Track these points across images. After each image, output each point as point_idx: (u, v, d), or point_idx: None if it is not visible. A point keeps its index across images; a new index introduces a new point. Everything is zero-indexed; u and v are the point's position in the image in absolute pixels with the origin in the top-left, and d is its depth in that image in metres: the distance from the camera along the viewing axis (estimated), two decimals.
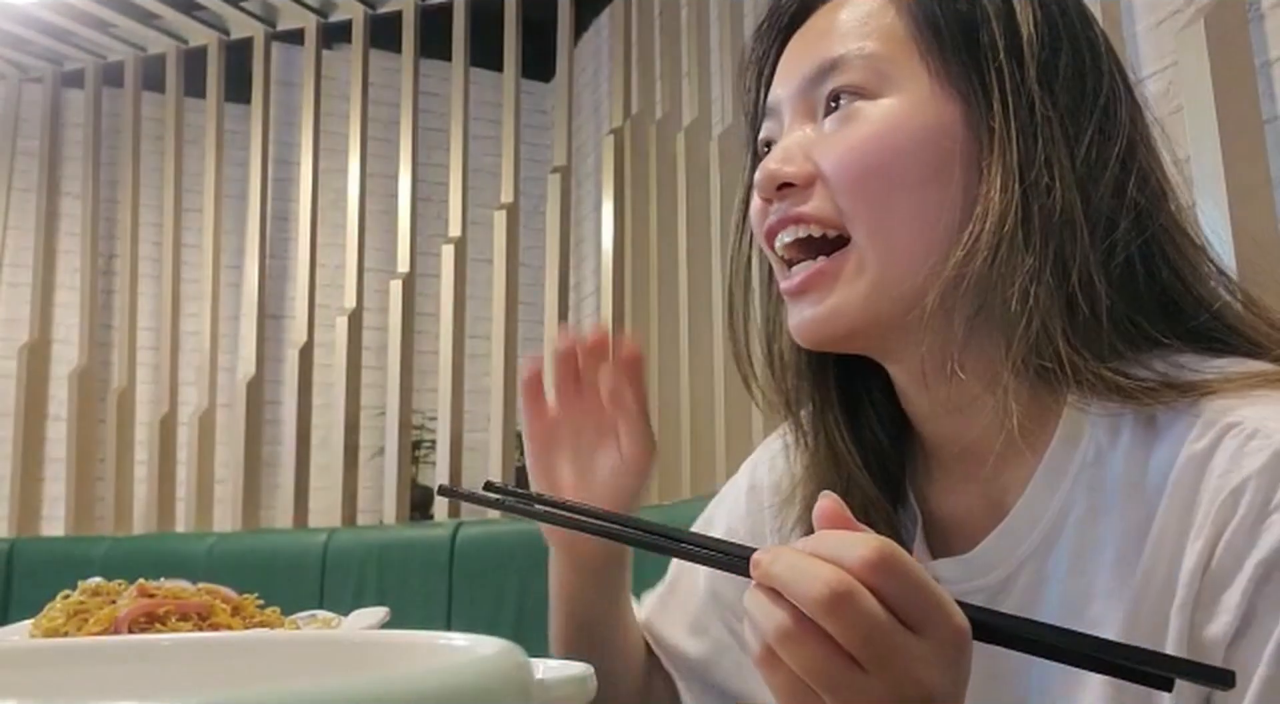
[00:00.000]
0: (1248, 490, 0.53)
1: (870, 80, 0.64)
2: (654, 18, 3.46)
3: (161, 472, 3.91)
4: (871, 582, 0.46)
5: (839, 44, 0.65)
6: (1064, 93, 0.62)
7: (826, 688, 0.46)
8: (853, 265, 0.63)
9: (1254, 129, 1.80)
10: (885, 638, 0.45)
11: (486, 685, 0.34)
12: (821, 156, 0.64)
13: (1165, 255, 0.63)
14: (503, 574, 2.46)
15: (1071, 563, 0.61)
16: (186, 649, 0.54)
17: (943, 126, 0.62)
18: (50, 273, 4.19)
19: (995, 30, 0.62)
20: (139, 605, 1.03)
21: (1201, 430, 0.56)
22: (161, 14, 3.93)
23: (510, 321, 3.52)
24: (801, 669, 0.46)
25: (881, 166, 0.62)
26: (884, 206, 0.62)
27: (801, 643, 0.46)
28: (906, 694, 0.45)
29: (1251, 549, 0.53)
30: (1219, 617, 0.53)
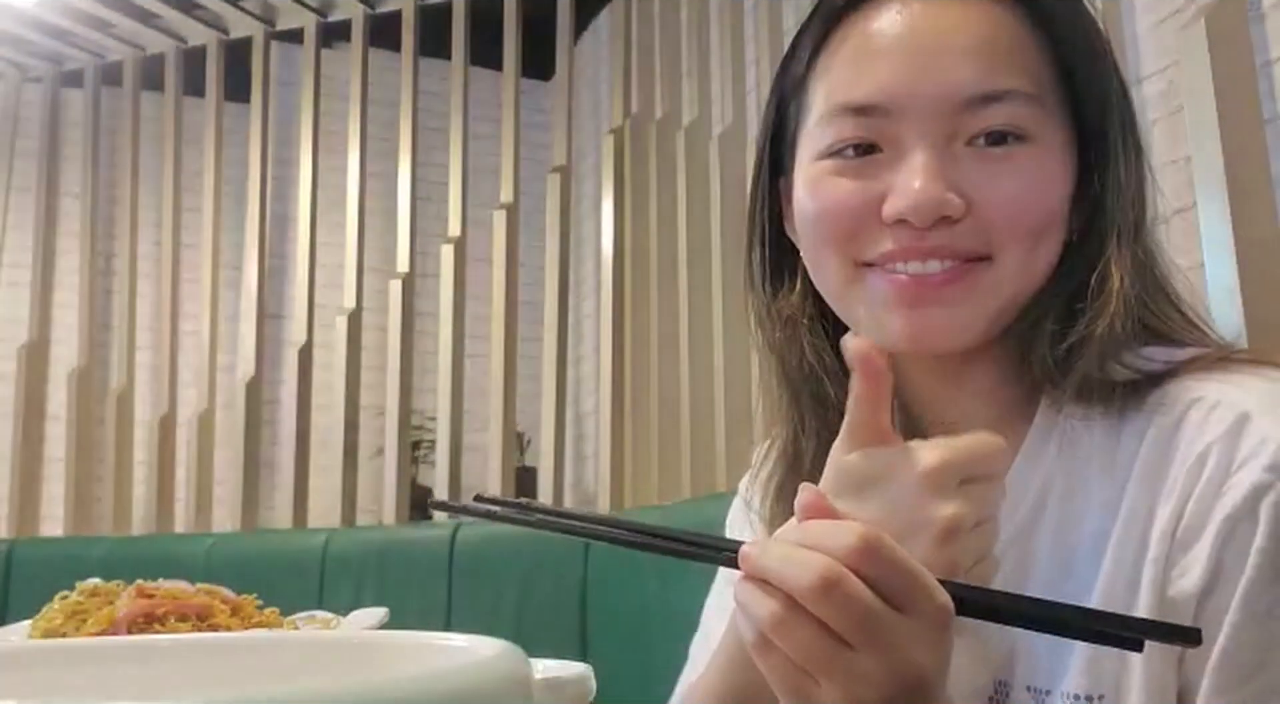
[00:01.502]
0: (1213, 454, 0.58)
1: (1029, 123, 0.64)
2: (654, 18, 3.46)
3: (161, 472, 3.91)
4: (859, 567, 0.48)
5: (999, 76, 0.64)
6: (1137, 135, 0.68)
7: (821, 670, 0.49)
8: (990, 281, 0.64)
9: (1254, 129, 1.80)
10: (875, 620, 0.48)
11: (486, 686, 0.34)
12: (978, 191, 0.63)
13: (1160, 273, 0.68)
14: (503, 574, 2.46)
15: (1054, 540, 0.65)
16: (185, 649, 0.54)
17: (1071, 173, 0.66)
18: (49, 273, 4.19)
19: (1114, 80, 0.67)
20: (138, 606, 1.03)
21: (1169, 407, 0.61)
22: (161, 13, 3.93)
23: (510, 321, 3.52)
24: (795, 654, 0.49)
25: (1042, 208, 0.64)
26: (1036, 239, 0.65)
27: (794, 629, 0.49)
28: (897, 671, 0.48)
29: (1216, 506, 0.57)
30: (1189, 572, 0.57)
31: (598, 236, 3.59)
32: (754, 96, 3.05)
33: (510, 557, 2.50)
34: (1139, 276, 0.65)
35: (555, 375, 3.43)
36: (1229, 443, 0.58)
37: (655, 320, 3.14)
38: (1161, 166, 2.04)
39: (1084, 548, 0.63)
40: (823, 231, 0.67)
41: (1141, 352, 0.65)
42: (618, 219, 3.40)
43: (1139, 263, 0.66)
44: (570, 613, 2.31)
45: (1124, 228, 0.65)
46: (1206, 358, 0.64)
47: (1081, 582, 0.62)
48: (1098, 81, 0.67)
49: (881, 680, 0.48)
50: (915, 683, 0.49)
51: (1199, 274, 1.86)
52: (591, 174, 3.98)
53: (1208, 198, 1.81)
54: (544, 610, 2.36)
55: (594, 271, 3.90)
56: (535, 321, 3.73)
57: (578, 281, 4.12)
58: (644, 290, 3.23)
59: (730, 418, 2.79)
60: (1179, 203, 1.99)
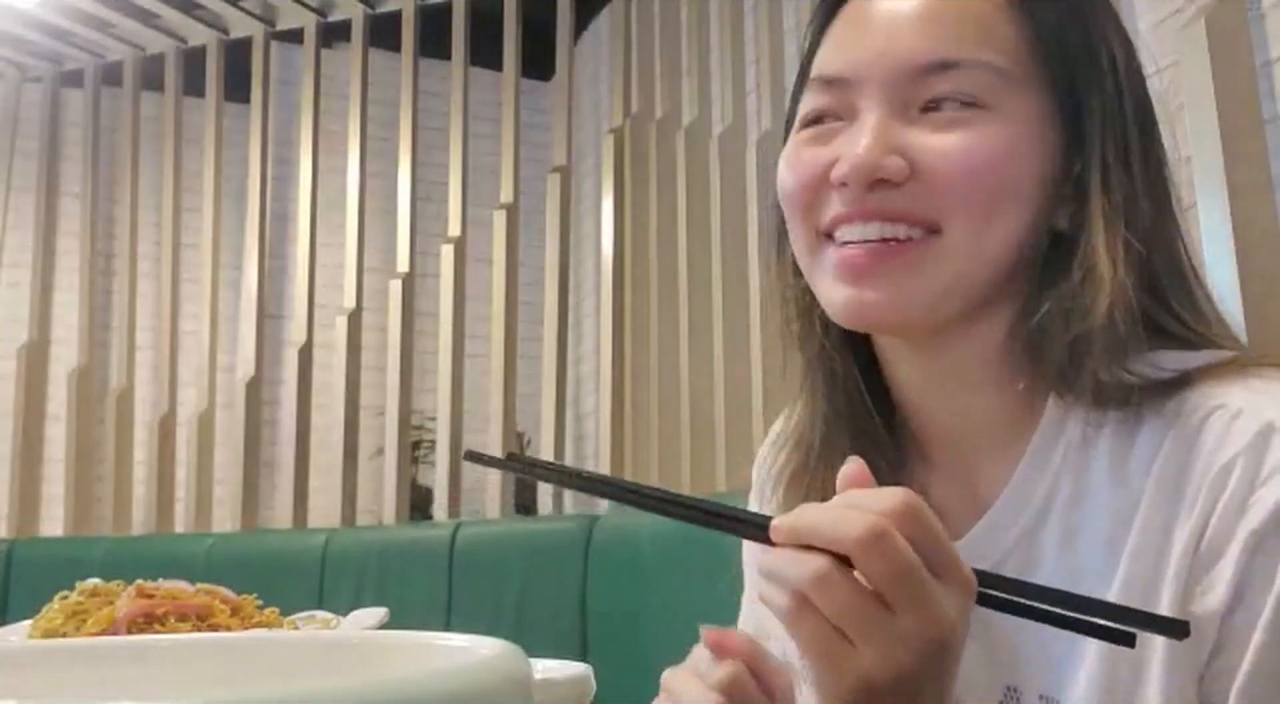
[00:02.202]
0: (1237, 466, 0.56)
1: (986, 93, 0.63)
2: (654, 18, 3.46)
3: (161, 472, 3.91)
4: (902, 527, 0.50)
5: (955, 45, 0.63)
6: (1142, 131, 0.65)
7: (859, 631, 0.49)
8: (937, 255, 0.63)
9: (1254, 129, 1.80)
10: (915, 579, 0.49)
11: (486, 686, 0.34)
12: (925, 155, 0.62)
13: (1173, 271, 0.66)
14: (503, 574, 2.46)
15: (1059, 546, 0.63)
16: (185, 650, 0.54)
17: (1046, 150, 0.64)
18: (49, 273, 4.19)
19: (1104, 58, 0.64)
20: (138, 606, 1.03)
21: (1187, 415, 0.59)
22: (161, 13, 3.93)
23: (510, 321, 3.51)
24: (834, 613, 0.50)
25: (992, 176, 0.62)
26: (987, 212, 0.62)
27: (837, 585, 0.49)
28: (931, 635, 0.49)
29: (1241, 521, 0.55)
30: (1213, 589, 0.56)
31: (598, 236, 3.59)
32: (754, 96, 3.05)
33: (510, 557, 2.50)
34: (1137, 269, 0.63)
35: (555, 375, 3.43)
36: (1253, 456, 0.56)
37: (655, 320, 3.14)
38: None
39: (1094, 557, 0.62)
40: (789, 202, 0.67)
41: (1155, 355, 0.63)
42: (618, 219, 3.40)
43: (1137, 254, 0.63)
44: (570, 613, 2.31)
45: (1111, 213, 0.62)
46: (1226, 363, 0.62)
47: (1095, 590, 0.61)
48: (1084, 59, 0.65)
49: (917, 643, 0.49)
50: (945, 648, 0.50)
51: None
52: (591, 174, 3.98)
53: (1208, 198, 1.81)
54: (544, 610, 2.36)
55: (594, 271, 3.90)
56: (535, 321, 3.73)
57: (578, 282, 4.12)
58: (644, 290, 3.23)
59: (730, 418, 2.79)
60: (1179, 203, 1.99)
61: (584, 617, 2.31)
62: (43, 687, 0.48)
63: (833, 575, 0.50)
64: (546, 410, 3.44)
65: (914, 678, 0.50)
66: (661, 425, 3.06)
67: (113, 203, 4.24)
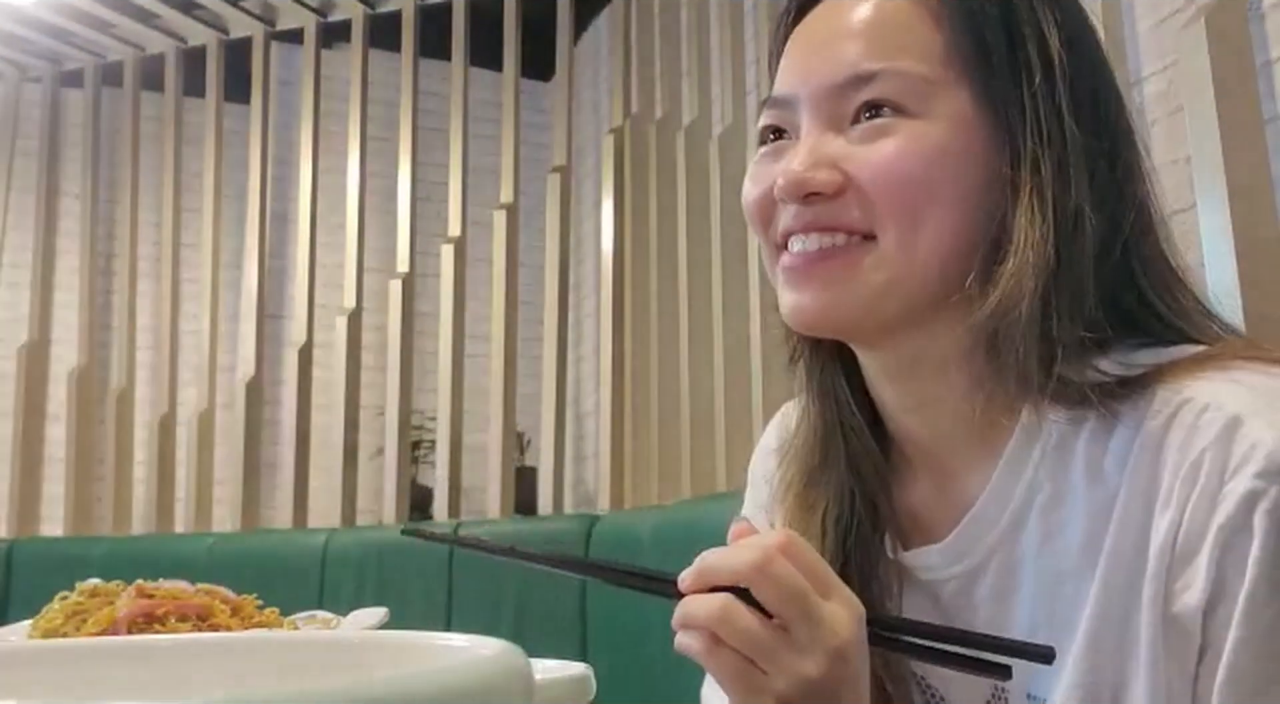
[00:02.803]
0: (1205, 461, 0.57)
1: (908, 98, 0.64)
2: (654, 18, 3.46)
3: (161, 472, 3.91)
4: (788, 555, 0.56)
5: (876, 55, 0.65)
6: (1086, 120, 0.64)
7: (763, 655, 0.55)
8: (872, 260, 0.64)
9: (1254, 129, 1.80)
10: (805, 598, 0.55)
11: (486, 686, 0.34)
12: (854, 166, 0.64)
13: (1144, 267, 0.66)
14: (503, 574, 2.46)
15: (1039, 546, 0.64)
16: (185, 650, 0.54)
17: (978, 151, 0.64)
18: (49, 273, 4.18)
19: (1032, 55, 0.64)
20: (138, 606, 1.03)
21: (1157, 410, 0.60)
22: (161, 14, 3.93)
23: (510, 321, 3.52)
24: (740, 643, 0.55)
25: (920, 181, 0.63)
26: (916, 217, 0.63)
27: (739, 614, 0.55)
28: (827, 646, 0.55)
29: (1213, 516, 0.56)
30: (1192, 586, 0.57)
31: (598, 236, 3.59)
32: (754, 96, 3.05)
33: None
34: (1082, 266, 0.62)
35: (555, 375, 3.43)
36: (1221, 449, 0.57)
37: (655, 320, 3.14)
38: (1161, 166, 2.03)
39: (1074, 557, 0.62)
40: (749, 216, 0.70)
41: (1131, 354, 0.63)
42: (618, 219, 3.40)
43: (1080, 251, 0.62)
44: (570, 613, 2.31)
45: (1040, 211, 0.62)
46: (1196, 356, 0.62)
47: (1074, 593, 0.62)
48: (1008, 57, 0.65)
49: (818, 656, 0.54)
50: (844, 658, 0.55)
51: (1199, 274, 1.86)
52: (591, 174, 3.98)
53: (1207, 198, 1.81)
54: (544, 610, 2.36)
55: (594, 271, 3.90)
56: (535, 321, 3.73)
57: (578, 281, 4.12)
58: (644, 290, 3.23)
59: (730, 418, 2.78)
60: (1179, 203, 1.99)
61: (584, 617, 2.31)
62: (43, 687, 0.48)
63: (733, 605, 0.55)
64: (546, 410, 3.44)
65: (823, 688, 0.54)
66: (661, 425, 3.06)
67: (113, 203, 4.24)
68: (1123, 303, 0.64)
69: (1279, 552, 0.55)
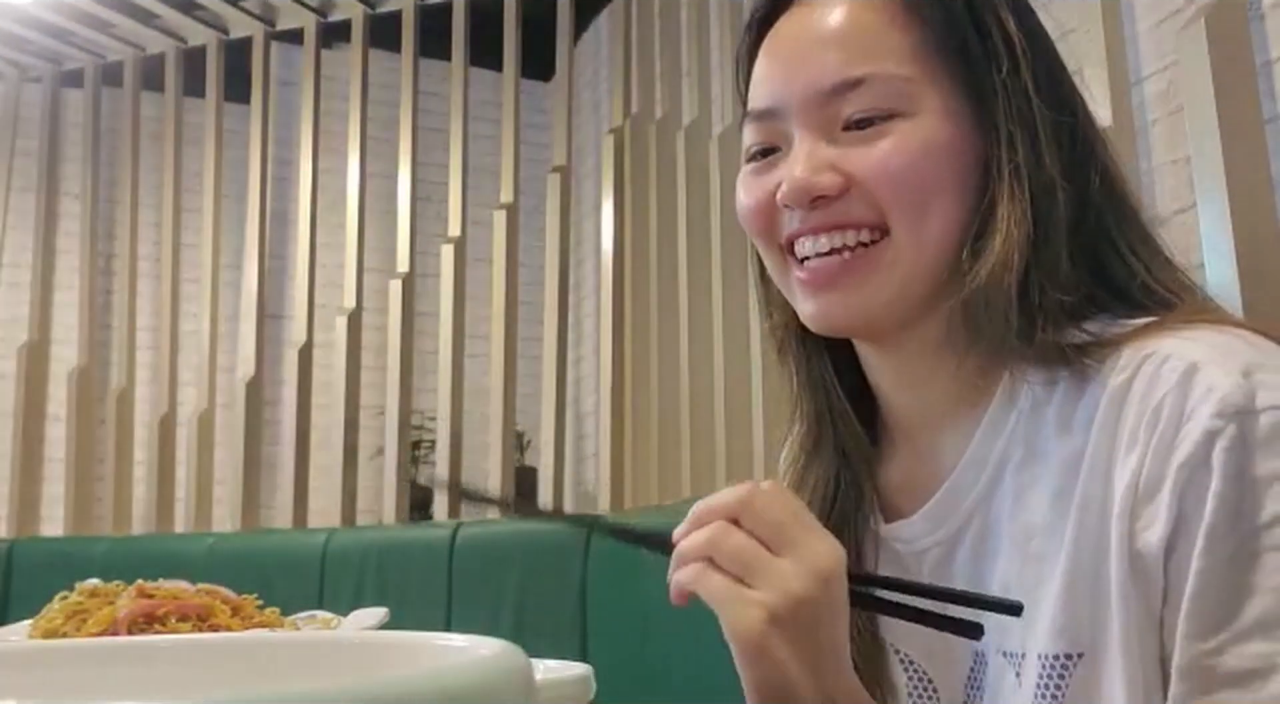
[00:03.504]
0: (1166, 405, 0.60)
1: (896, 101, 0.68)
2: (654, 18, 3.46)
3: (161, 472, 3.91)
4: (770, 491, 0.61)
5: (858, 62, 0.68)
6: (1049, 98, 0.68)
7: (752, 570, 0.59)
8: (888, 259, 0.68)
9: (1254, 129, 1.80)
10: (788, 527, 0.60)
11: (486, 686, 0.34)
12: (853, 166, 0.68)
13: (1122, 236, 0.69)
14: (503, 574, 2.46)
15: (1013, 505, 0.67)
16: (186, 650, 0.54)
17: (961, 138, 0.68)
18: (50, 273, 4.18)
19: (998, 42, 0.68)
20: (138, 606, 1.03)
21: (1123, 366, 0.63)
22: (161, 14, 3.93)
23: (510, 321, 3.51)
24: (730, 557, 0.60)
25: (919, 173, 0.67)
26: (921, 208, 0.67)
27: (729, 533, 0.60)
28: (811, 568, 0.59)
29: (1172, 456, 0.59)
30: (1154, 524, 0.59)
31: (598, 236, 3.59)
32: None
33: (510, 557, 2.50)
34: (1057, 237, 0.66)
35: (555, 375, 3.43)
36: (1180, 393, 0.59)
37: (655, 320, 3.14)
38: (1161, 166, 2.04)
39: (1045, 512, 0.65)
40: (750, 227, 0.74)
41: (1105, 321, 0.66)
42: (618, 219, 3.40)
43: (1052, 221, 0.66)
44: (570, 613, 2.31)
45: (1018, 184, 0.66)
46: (1168, 319, 0.65)
47: (1046, 547, 0.65)
48: (977, 47, 0.68)
49: (803, 577, 0.59)
50: (827, 581, 0.59)
51: (1199, 274, 1.86)
52: (591, 174, 3.98)
53: (1207, 198, 1.81)
54: (544, 610, 2.36)
55: (594, 271, 3.90)
56: (535, 321, 3.73)
57: (578, 281, 4.12)
58: (644, 290, 3.23)
59: (730, 418, 2.78)
60: (1179, 203, 1.99)
61: (584, 617, 2.31)
62: (43, 687, 0.48)
63: (724, 526, 0.60)
64: (546, 410, 3.44)
65: (809, 606, 0.58)
66: (661, 425, 3.06)
67: (113, 203, 4.24)
68: (1102, 263, 0.68)
69: (1238, 486, 0.57)
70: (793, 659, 0.58)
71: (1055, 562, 0.63)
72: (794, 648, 0.58)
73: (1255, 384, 0.58)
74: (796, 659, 0.58)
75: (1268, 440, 0.57)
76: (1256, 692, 0.54)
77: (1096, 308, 0.67)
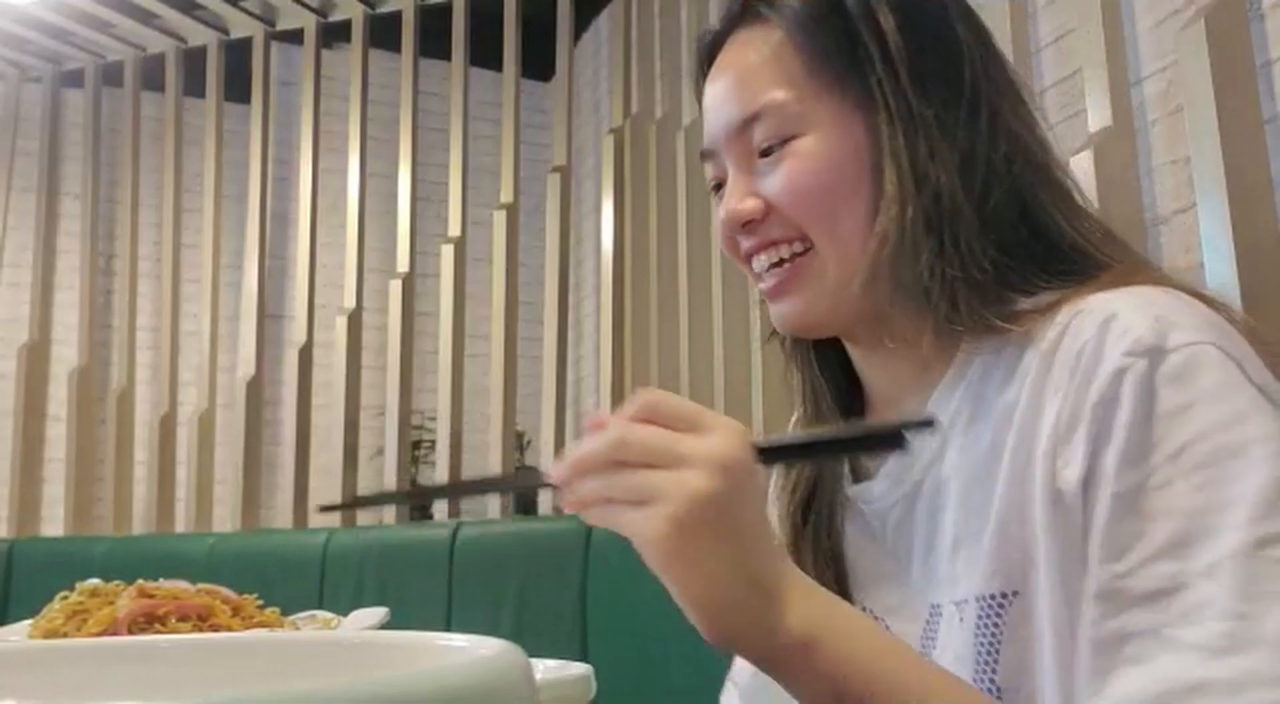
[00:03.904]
0: (1085, 351, 0.63)
1: (789, 125, 0.74)
2: (654, 18, 3.46)
3: (161, 472, 3.91)
4: (645, 415, 0.60)
5: (757, 95, 0.75)
6: (935, 88, 0.72)
7: (649, 494, 0.57)
8: (817, 267, 0.74)
9: (1254, 129, 1.80)
10: (692, 415, 0.60)
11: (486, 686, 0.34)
12: (769, 191, 0.75)
13: (1041, 206, 0.72)
14: (503, 574, 2.46)
15: (959, 460, 0.71)
16: (186, 650, 0.54)
17: (855, 145, 0.73)
18: (50, 273, 4.19)
19: (869, 47, 0.73)
20: (139, 606, 1.03)
21: (1058, 323, 0.67)
22: (161, 14, 3.93)
23: (510, 321, 3.51)
24: (641, 445, 0.58)
25: (821, 186, 0.73)
26: (831, 217, 0.73)
27: (635, 427, 0.59)
28: (706, 462, 0.57)
29: (1087, 397, 0.62)
30: (1072, 462, 0.62)
31: (598, 236, 3.59)
32: None
33: (510, 557, 2.50)
34: (943, 219, 0.70)
35: (555, 375, 3.43)
36: (1098, 339, 0.63)
37: (655, 320, 3.14)
38: (1161, 166, 2.04)
39: (985, 464, 0.68)
40: (727, 253, 0.80)
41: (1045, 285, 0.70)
42: (618, 219, 3.40)
43: (941, 207, 0.70)
44: (570, 613, 2.31)
45: (898, 176, 0.71)
46: (1103, 278, 0.69)
47: (985, 495, 0.68)
48: (852, 58, 0.73)
49: (699, 476, 0.57)
50: (746, 470, 0.59)
51: (1198, 274, 1.86)
52: (591, 174, 3.98)
53: (1207, 198, 1.81)
54: (544, 610, 2.36)
55: (594, 271, 3.90)
56: (535, 321, 3.74)
57: (578, 281, 4.12)
58: (644, 290, 3.23)
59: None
60: (1179, 203, 1.99)
61: (584, 617, 2.31)
62: (43, 687, 0.48)
63: (627, 423, 0.60)
64: (546, 410, 3.44)
65: (713, 502, 0.57)
66: None
67: (113, 203, 4.24)
68: (1024, 236, 0.71)
69: (1147, 417, 0.59)
70: (708, 554, 0.57)
71: (990, 508, 0.67)
72: (708, 544, 0.57)
73: (1168, 326, 0.61)
74: (714, 553, 0.57)
75: (1177, 375, 0.60)
76: (1165, 610, 0.56)
77: (1033, 277, 0.70)
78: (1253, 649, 0.53)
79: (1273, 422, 0.59)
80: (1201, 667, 0.53)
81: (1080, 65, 2.14)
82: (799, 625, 0.59)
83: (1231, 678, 0.53)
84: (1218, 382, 0.59)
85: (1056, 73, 2.29)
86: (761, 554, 0.59)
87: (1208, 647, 0.54)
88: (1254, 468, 0.57)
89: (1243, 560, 0.55)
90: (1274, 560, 0.55)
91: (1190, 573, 0.56)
